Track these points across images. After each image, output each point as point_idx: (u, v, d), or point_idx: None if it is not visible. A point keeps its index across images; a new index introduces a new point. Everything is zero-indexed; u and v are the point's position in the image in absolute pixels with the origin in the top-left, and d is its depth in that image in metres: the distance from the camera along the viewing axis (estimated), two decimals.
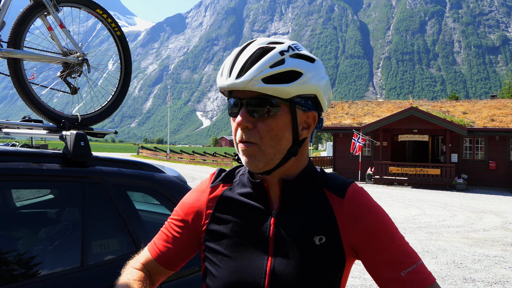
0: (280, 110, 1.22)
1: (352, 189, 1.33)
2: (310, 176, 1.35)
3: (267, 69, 1.19)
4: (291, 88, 1.20)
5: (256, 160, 1.23)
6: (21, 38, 2.62)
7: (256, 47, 1.24)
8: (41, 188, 2.90)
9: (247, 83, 1.18)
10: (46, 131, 2.73)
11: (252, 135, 1.22)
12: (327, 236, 1.27)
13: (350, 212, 1.29)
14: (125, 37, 3.16)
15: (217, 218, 1.36)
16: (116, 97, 3.13)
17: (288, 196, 1.31)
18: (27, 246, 2.41)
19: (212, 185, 1.43)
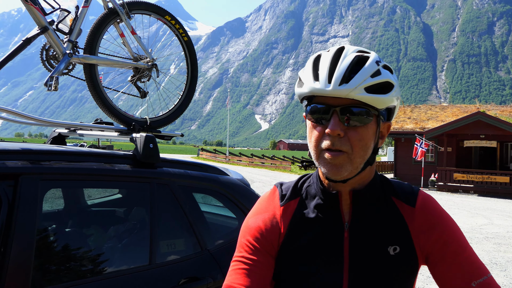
0: (373, 120, 1.23)
1: (421, 197, 1.32)
2: (378, 185, 1.34)
3: (369, 79, 1.20)
4: (386, 99, 1.22)
5: (343, 169, 1.21)
6: (96, 45, 2.75)
7: (353, 54, 1.24)
8: (112, 187, 3.03)
9: (351, 91, 1.17)
10: (117, 133, 2.85)
11: (343, 143, 1.20)
12: (401, 246, 1.27)
13: (422, 221, 1.28)
14: (192, 42, 3.25)
15: (292, 237, 1.32)
16: (183, 101, 3.22)
17: (359, 207, 1.30)
18: (99, 243, 2.53)
19: (282, 203, 1.38)
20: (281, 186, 1.44)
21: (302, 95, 1.28)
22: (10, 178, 2.01)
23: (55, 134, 3.05)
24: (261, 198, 1.46)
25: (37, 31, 2.56)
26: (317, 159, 1.25)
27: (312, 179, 1.40)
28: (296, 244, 1.31)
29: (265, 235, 1.34)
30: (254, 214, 1.41)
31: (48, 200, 2.87)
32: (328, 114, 1.22)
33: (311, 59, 1.29)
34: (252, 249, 1.33)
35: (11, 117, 2.62)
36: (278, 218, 1.36)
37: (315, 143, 1.24)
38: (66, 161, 2.30)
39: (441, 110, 32.98)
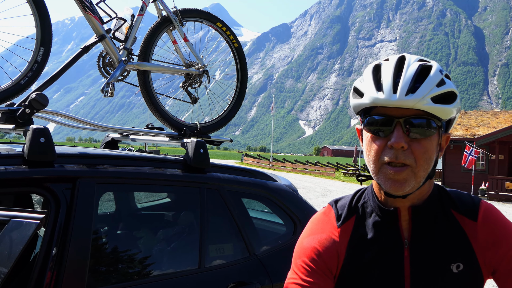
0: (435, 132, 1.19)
1: (483, 210, 1.25)
2: (437, 199, 1.28)
3: (435, 88, 1.16)
4: (451, 109, 1.18)
5: (406, 184, 1.16)
6: (150, 52, 2.83)
7: (416, 63, 1.20)
8: (163, 192, 3.09)
9: (418, 102, 1.13)
10: (168, 138, 2.91)
11: (407, 156, 1.15)
12: (464, 263, 1.21)
13: (485, 235, 1.22)
14: (242, 48, 3.29)
15: (351, 259, 1.28)
16: (232, 106, 3.26)
17: (419, 223, 1.24)
18: (150, 246, 2.58)
19: (339, 225, 1.32)
20: (336, 204, 1.39)
21: (361, 106, 1.23)
22: (69, 181, 2.09)
23: (108, 138, 3.14)
24: (315, 218, 1.40)
25: (95, 39, 2.66)
26: (376, 174, 1.20)
27: (367, 194, 1.35)
28: (356, 265, 1.27)
29: (322, 257, 1.29)
30: (309, 234, 1.35)
31: (103, 203, 2.96)
32: (390, 126, 1.17)
33: (369, 69, 1.25)
34: (309, 270, 1.28)
35: (67, 121, 2.72)
36: (336, 240, 1.31)
37: (375, 157, 1.19)
38: (120, 165, 2.36)
39: (492, 116, 31.87)
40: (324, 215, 1.38)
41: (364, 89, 1.21)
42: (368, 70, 1.25)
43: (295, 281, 1.27)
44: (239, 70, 3.33)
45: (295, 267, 1.31)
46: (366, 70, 1.26)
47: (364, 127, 1.24)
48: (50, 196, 2.03)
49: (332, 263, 1.29)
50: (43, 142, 2.02)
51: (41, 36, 2.43)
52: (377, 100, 1.17)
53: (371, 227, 1.29)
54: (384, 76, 1.19)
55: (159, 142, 3.05)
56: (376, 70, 1.24)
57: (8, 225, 1.47)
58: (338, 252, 1.29)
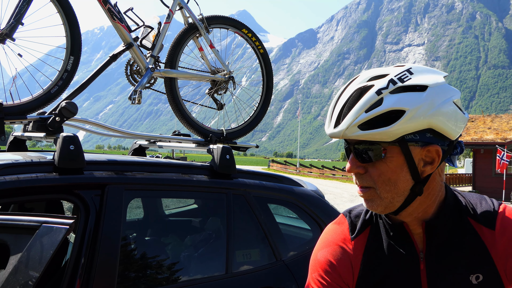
0: (389, 153, 1.12)
1: (501, 217, 1.19)
2: (452, 208, 1.22)
3: (362, 115, 1.10)
4: (392, 130, 1.08)
5: (375, 203, 1.17)
6: (177, 59, 2.86)
7: (354, 88, 1.15)
8: (190, 197, 3.11)
9: (344, 132, 1.12)
10: (194, 145, 2.93)
11: (365, 180, 1.16)
12: (484, 274, 1.16)
13: (505, 244, 1.16)
14: (268, 54, 3.29)
15: (366, 272, 1.26)
16: (258, 112, 3.27)
17: (433, 236, 1.20)
18: (177, 251, 2.60)
19: (353, 237, 1.30)
20: (350, 214, 1.36)
21: None
22: (98, 187, 2.12)
23: (136, 145, 3.18)
24: (329, 229, 1.38)
25: (123, 47, 2.70)
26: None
27: None
28: (371, 279, 1.24)
29: (337, 270, 1.27)
30: (323, 246, 1.33)
31: (131, 210, 2.99)
32: (349, 152, 1.19)
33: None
34: (324, 284, 1.26)
35: (96, 129, 2.77)
36: (350, 253, 1.29)
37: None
38: (148, 172, 2.39)
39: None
40: (338, 226, 1.36)
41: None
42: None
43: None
44: (265, 76, 3.34)
45: (311, 281, 1.30)
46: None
47: None
48: (80, 203, 2.06)
49: (347, 276, 1.27)
50: (72, 149, 2.06)
51: (71, 45, 2.48)
52: (327, 132, 1.20)
53: (385, 239, 1.26)
54: (330, 107, 1.21)
55: (186, 149, 3.07)
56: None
57: (39, 231, 1.50)
58: (352, 265, 1.27)
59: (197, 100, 3.28)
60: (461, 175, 41.49)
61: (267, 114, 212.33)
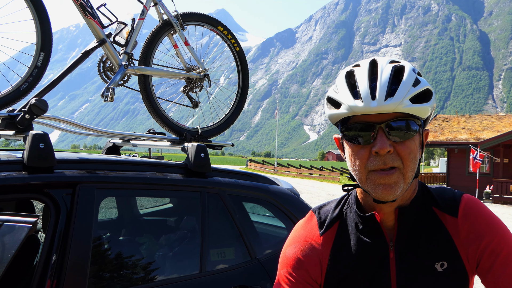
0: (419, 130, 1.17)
1: (463, 205, 1.23)
2: (421, 198, 1.26)
3: (412, 89, 1.13)
4: (429, 107, 1.16)
5: (397, 187, 1.13)
6: (151, 56, 2.82)
7: (390, 65, 1.17)
8: (164, 196, 3.08)
9: (398, 105, 1.11)
10: (169, 143, 2.90)
11: (394, 159, 1.13)
12: (448, 261, 1.19)
13: (467, 230, 1.20)
14: (244, 52, 3.28)
15: (335, 267, 1.26)
16: (233, 110, 3.25)
17: (404, 225, 1.22)
18: (151, 251, 2.57)
19: (322, 232, 1.30)
20: (319, 211, 1.36)
21: (339, 117, 1.19)
22: (68, 186, 2.08)
23: (110, 144, 3.14)
24: (298, 226, 1.38)
25: (95, 43, 2.65)
26: (364, 182, 1.17)
27: (351, 200, 1.33)
28: (341, 272, 1.25)
29: (305, 266, 1.27)
30: (291, 243, 1.34)
31: (103, 209, 2.95)
32: (372, 133, 1.14)
33: (342, 77, 1.21)
34: (292, 281, 1.27)
35: (69, 127, 2.72)
36: (318, 248, 1.29)
37: (361, 166, 1.16)
38: (121, 171, 2.35)
39: (497, 120, 31.74)
40: (307, 222, 1.36)
41: (341, 99, 1.18)
42: (341, 78, 1.21)
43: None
44: (241, 74, 3.32)
45: (279, 278, 1.30)
46: (338, 78, 1.23)
47: (344, 137, 1.21)
48: (50, 202, 2.02)
49: (315, 272, 1.27)
50: (42, 147, 2.01)
51: (41, 41, 2.42)
52: (356, 109, 1.13)
53: (354, 233, 1.27)
54: (360, 83, 1.16)
55: (163, 148, 3.04)
56: (349, 77, 1.20)
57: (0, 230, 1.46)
58: (320, 261, 1.28)
59: (174, 99, 3.24)
60: (436, 174, 42.15)
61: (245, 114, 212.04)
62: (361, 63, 1.21)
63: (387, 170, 1.13)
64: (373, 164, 1.14)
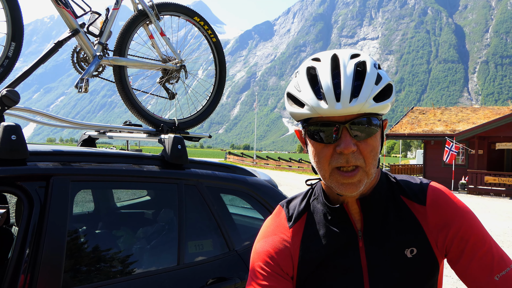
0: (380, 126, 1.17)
1: (431, 193, 1.25)
2: (385, 186, 1.28)
3: (374, 87, 1.12)
4: (391, 102, 1.16)
5: (360, 184, 1.14)
6: (126, 47, 2.78)
7: (352, 62, 1.15)
8: (140, 188, 3.05)
9: (363, 106, 1.10)
10: (145, 135, 2.87)
11: (357, 158, 1.12)
12: (417, 247, 1.21)
13: (435, 218, 1.22)
14: (220, 43, 3.25)
15: (306, 258, 1.26)
16: (211, 102, 3.23)
17: (369, 214, 1.24)
18: (128, 244, 2.54)
19: (291, 225, 1.31)
20: (288, 205, 1.37)
21: (302, 116, 1.16)
22: (42, 179, 2.03)
23: (85, 136, 3.09)
24: (267, 221, 1.38)
25: (68, 33, 2.60)
26: (328, 178, 1.17)
27: (316, 191, 1.34)
28: (312, 263, 1.25)
29: (276, 260, 1.27)
30: (262, 237, 1.34)
31: (79, 202, 2.90)
32: (336, 132, 1.12)
33: (303, 74, 1.18)
34: (264, 275, 1.26)
35: (45, 120, 2.66)
36: (288, 241, 1.29)
37: (325, 163, 1.15)
38: (96, 163, 2.32)
39: (472, 112, 32.28)
40: (276, 216, 1.36)
41: (304, 99, 1.15)
42: (302, 76, 1.18)
43: (252, 287, 1.26)
44: (218, 65, 3.30)
45: (251, 273, 1.29)
46: (300, 75, 1.19)
47: (307, 134, 1.19)
48: (23, 195, 1.98)
49: (286, 265, 1.27)
50: (14, 139, 1.96)
51: (12, 31, 2.36)
52: (320, 111, 1.11)
53: (322, 224, 1.27)
54: (323, 81, 1.13)
55: (141, 140, 3.00)
56: (311, 75, 1.17)
57: None
58: (291, 253, 1.28)
59: (153, 92, 3.20)
60: (413, 166, 42.79)
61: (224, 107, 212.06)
62: (321, 58, 1.18)
63: (350, 171, 1.13)
64: (336, 162, 1.13)
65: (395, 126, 32.20)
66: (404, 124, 31.83)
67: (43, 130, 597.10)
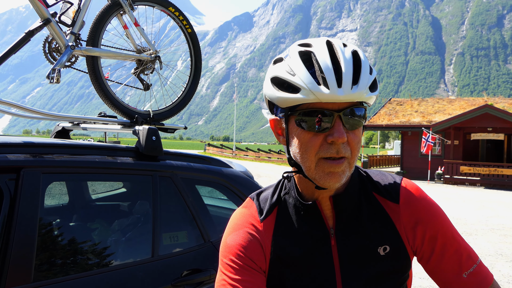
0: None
1: (404, 191, 1.25)
2: (358, 184, 1.26)
3: (369, 76, 1.12)
4: (377, 93, 1.17)
5: (344, 175, 1.11)
6: (99, 37, 2.73)
7: (349, 50, 1.13)
8: (114, 180, 3.02)
9: (361, 94, 1.08)
10: (120, 126, 2.84)
11: (346, 149, 1.10)
12: (390, 245, 1.21)
13: (408, 217, 1.22)
14: (196, 34, 3.23)
15: (277, 253, 1.23)
16: (186, 93, 3.20)
17: (341, 211, 1.22)
18: (102, 236, 2.52)
19: (262, 219, 1.26)
20: (258, 197, 1.32)
21: (295, 102, 1.10)
22: (12, 171, 2.00)
23: (59, 128, 3.04)
24: (237, 213, 1.32)
25: (40, 23, 2.54)
26: (313, 169, 1.12)
27: (288, 184, 1.30)
28: (284, 259, 1.22)
29: (248, 253, 1.22)
30: (232, 231, 1.27)
31: (52, 195, 2.86)
32: (329, 120, 1.08)
33: (296, 57, 1.13)
34: (236, 268, 1.21)
35: (20, 112, 2.61)
36: (260, 235, 1.25)
37: (313, 153, 1.11)
38: (69, 154, 2.28)
39: (448, 104, 32.78)
40: (246, 209, 1.31)
41: (300, 83, 1.08)
42: (295, 59, 1.12)
43: (224, 281, 1.21)
44: (193, 56, 3.27)
45: (222, 267, 1.24)
46: (292, 59, 1.13)
47: (294, 122, 1.14)
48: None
49: (259, 258, 1.23)
50: None
51: None
52: (320, 96, 1.06)
53: (294, 220, 1.25)
54: (323, 66, 1.08)
55: (119, 132, 2.97)
56: (306, 59, 1.11)
57: None
58: (263, 247, 1.24)
59: (130, 83, 3.15)
60: (390, 157, 43.26)
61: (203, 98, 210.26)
62: (313, 43, 1.14)
63: (338, 159, 1.10)
64: (325, 152, 1.09)
65: (373, 117, 32.52)
66: (382, 115, 32.16)
67: (19, 121, 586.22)
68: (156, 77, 3.26)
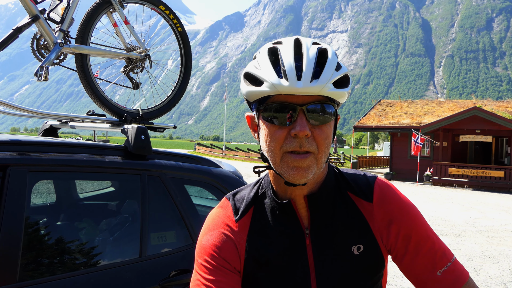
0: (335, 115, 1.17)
1: (378, 190, 1.26)
2: (333, 183, 1.26)
3: (335, 73, 1.12)
4: (347, 92, 1.17)
5: (309, 171, 1.11)
6: (88, 34, 2.71)
7: (314, 46, 1.15)
8: (103, 179, 3.00)
9: (322, 88, 1.09)
10: (108, 125, 2.82)
11: (310, 144, 1.10)
12: (364, 244, 1.22)
13: (381, 215, 1.23)
14: (186, 33, 3.21)
15: (252, 253, 1.23)
16: (176, 92, 3.19)
17: (316, 211, 1.22)
18: (89, 236, 2.50)
19: (237, 219, 1.26)
20: (234, 197, 1.32)
21: (259, 95, 1.14)
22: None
23: (47, 126, 3.01)
24: (213, 213, 1.32)
25: (28, 19, 2.52)
26: (278, 163, 1.14)
27: (264, 183, 1.30)
28: (258, 259, 1.22)
29: (223, 253, 1.22)
30: (207, 231, 1.27)
31: (40, 193, 2.84)
32: (293, 114, 1.11)
33: (264, 54, 1.17)
34: (210, 269, 1.21)
35: (7, 110, 2.58)
36: (235, 235, 1.25)
37: (277, 147, 1.13)
38: (56, 153, 2.26)
39: (437, 105, 33.00)
40: (221, 209, 1.31)
41: (264, 76, 1.12)
42: (263, 55, 1.17)
43: (198, 281, 1.21)
44: (183, 55, 3.25)
45: (197, 267, 1.24)
46: (260, 54, 1.18)
47: (261, 116, 1.16)
48: None
49: (233, 258, 1.23)
50: None
51: None
52: (280, 88, 1.09)
53: (269, 220, 1.25)
54: (285, 61, 1.11)
55: (109, 131, 2.94)
56: (272, 54, 1.15)
57: None
58: (237, 247, 1.24)
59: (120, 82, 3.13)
60: (380, 158, 43.49)
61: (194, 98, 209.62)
62: (284, 41, 1.18)
63: (302, 153, 1.11)
64: (289, 145, 1.11)
65: (363, 119, 32.65)
66: (371, 117, 32.29)
67: (6, 119, 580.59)
68: (146, 76, 3.24)
